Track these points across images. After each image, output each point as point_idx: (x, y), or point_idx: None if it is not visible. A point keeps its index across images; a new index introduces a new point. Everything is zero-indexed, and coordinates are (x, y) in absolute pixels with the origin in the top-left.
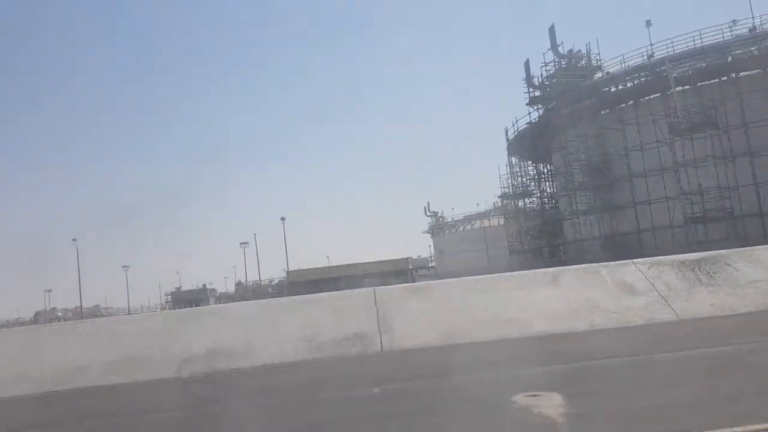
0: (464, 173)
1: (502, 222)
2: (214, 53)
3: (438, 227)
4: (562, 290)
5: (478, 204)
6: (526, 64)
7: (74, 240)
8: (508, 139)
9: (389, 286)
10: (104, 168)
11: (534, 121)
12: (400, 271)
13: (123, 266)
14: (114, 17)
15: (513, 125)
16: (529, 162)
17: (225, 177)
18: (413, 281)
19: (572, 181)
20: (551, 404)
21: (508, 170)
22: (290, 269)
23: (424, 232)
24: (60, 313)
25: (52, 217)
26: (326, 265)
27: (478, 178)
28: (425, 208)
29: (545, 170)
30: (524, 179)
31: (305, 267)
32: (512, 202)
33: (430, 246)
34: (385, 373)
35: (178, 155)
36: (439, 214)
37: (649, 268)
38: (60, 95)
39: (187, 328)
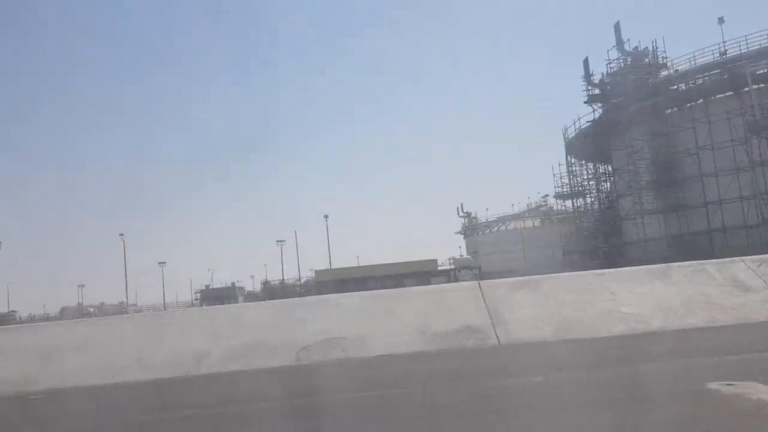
0: (496, 174)
1: (537, 223)
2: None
3: (471, 228)
4: (673, 286)
5: (512, 205)
6: (585, 62)
7: (121, 235)
8: (566, 138)
9: (493, 280)
10: (114, 167)
11: (592, 119)
12: (429, 272)
13: (159, 263)
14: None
15: (575, 123)
16: (583, 161)
17: (248, 177)
18: (456, 281)
19: (638, 180)
20: (759, 391)
21: (561, 170)
22: (318, 269)
23: (456, 233)
24: (92, 309)
25: (73, 213)
26: (354, 266)
27: (511, 179)
28: (458, 208)
29: (603, 170)
30: (580, 179)
31: (332, 267)
32: (572, 201)
33: (460, 247)
34: (525, 364)
35: (190, 155)
36: (473, 215)
37: (759, 266)
38: (72, 95)
39: (302, 316)
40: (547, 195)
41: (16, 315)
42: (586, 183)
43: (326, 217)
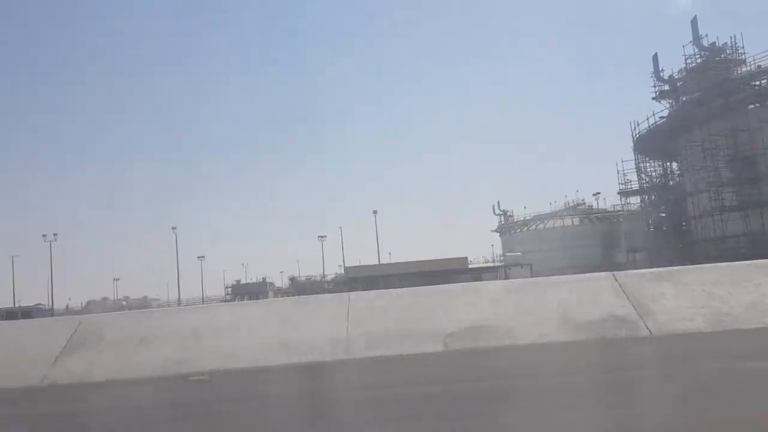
0: (522, 174)
1: (576, 222)
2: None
3: (507, 226)
4: None
5: (551, 203)
6: (654, 58)
7: (174, 228)
8: (636, 135)
9: (628, 271)
10: (145, 163)
11: (662, 116)
12: (461, 270)
13: (198, 257)
14: None
15: (648, 119)
16: (646, 158)
17: (277, 172)
18: (507, 278)
19: (718, 176)
20: None
21: (624, 166)
22: (348, 266)
23: (492, 231)
24: (124, 303)
25: (98, 209)
26: (385, 263)
27: (539, 178)
28: (494, 206)
29: (676, 166)
30: (650, 176)
31: (380, 262)
32: (641, 198)
33: (492, 246)
34: (714, 351)
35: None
36: (509, 213)
37: None
38: (101, 87)
39: (439, 304)
40: (599, 193)
41: (42, 308)
42: (654, 180)
43: (375, 212)
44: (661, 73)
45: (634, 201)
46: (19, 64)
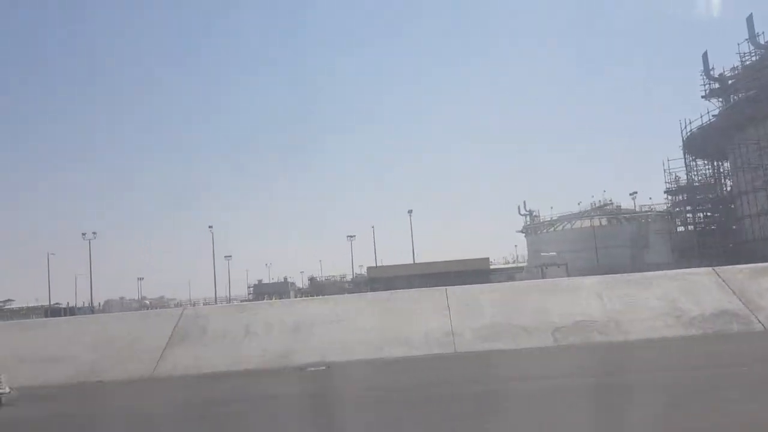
0: (531, 173)
1: (604, 222)
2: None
3: (533, 227)
4: None
5: (579, 203)
6: (704, 57)
7: (210, 227)
8: (686, 135)
9: (729, 267)
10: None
11: (713, 115)
12: (480, 271)
13: (225, 256)
14: None
15: (702, 118)
16: (693, 157)
17: (299, 171)
18: (543, 277)
19: None
20: None
21: (670, 165)
22: (369, 266)
23: (518, 231)
24: (147, 302)
25: (111, 210)
26: (407, 263)
27: (547, 177)
28: (519, 207)
29: (727, 166)
30: (701, 175)
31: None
32: (688, 198)
33: (516, 246)
34: None
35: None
36: (534, 213)
37: None
38: (130, 86)
39: (539, 299)
40: (635, 192)
41: (59, 307)
42: (702, 179)
43: (410, 212)
44: (711, 71)
45: (658, 201)
46: (41, 66)
